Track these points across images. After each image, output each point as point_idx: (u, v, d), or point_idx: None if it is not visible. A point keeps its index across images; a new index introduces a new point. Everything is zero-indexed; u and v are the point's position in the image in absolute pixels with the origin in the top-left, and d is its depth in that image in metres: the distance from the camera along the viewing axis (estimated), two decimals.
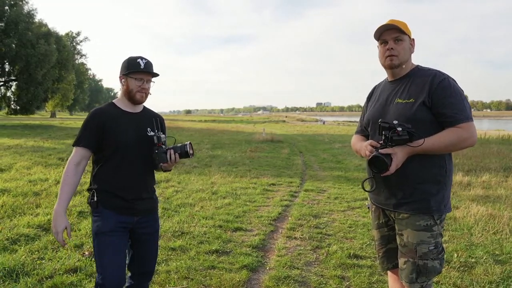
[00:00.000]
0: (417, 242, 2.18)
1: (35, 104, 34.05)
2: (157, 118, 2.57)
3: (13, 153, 12.04)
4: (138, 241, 2.50)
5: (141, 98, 2.42)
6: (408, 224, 2.21)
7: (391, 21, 2.27)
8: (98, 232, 2.34)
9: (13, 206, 5.71)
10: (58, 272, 3.58)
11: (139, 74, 2.37)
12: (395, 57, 2.25)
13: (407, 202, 2.21)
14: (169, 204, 6.23)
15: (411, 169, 2.17)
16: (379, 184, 2.31)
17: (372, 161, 2.12)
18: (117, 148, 2.35)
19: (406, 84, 2.26)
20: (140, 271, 2.56)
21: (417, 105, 2.16)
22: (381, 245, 2.46)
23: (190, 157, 2.41)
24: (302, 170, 10.48)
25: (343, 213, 5.96)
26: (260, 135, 20.65)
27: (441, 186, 2.20)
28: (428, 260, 2.16)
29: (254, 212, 5.98)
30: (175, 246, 4.35)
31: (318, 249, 4.42)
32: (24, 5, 31.71)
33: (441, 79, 2.16)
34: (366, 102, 2.62)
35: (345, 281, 3.59)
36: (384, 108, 2.31)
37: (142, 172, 2.45)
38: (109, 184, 2.37)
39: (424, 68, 2.30)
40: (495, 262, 3.91)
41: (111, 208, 2.36)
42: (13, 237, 4.42)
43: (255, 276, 3.73)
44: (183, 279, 3.58)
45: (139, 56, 2.41)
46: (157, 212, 2.66)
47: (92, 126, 2.35)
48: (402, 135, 2.07)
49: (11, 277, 3.47)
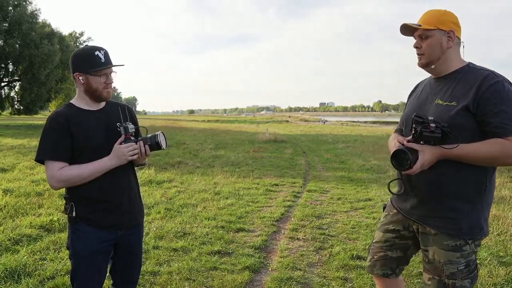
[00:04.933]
0: (444, 262, 1.97)
1: (39, 104, 34.15)
2: (124, 107, 2.27)
3: (16, 153, 12.07)
4: (121, 253, 2.28)
5: (108, 94, 2.13)
6: (434, 242, 2.00)
7: (422, 16, 2.04)
8: (76, 256, 2.12)
9: (15, 207, 5.71)
10: (60, 273, 3.57)
11: (102, 70, 2.07)
12: (421, 55, 2.04)
13: (435, 217, 1.99)
14: (171, 205, 6.22)
15: (444, 179, 1.93)
16: (406, 189, 2.09)
17: (394, 155, 1.90)
18: (89, 154, 2.07)
19: (451, 84, 1.99)
20: (123, 281, 2.38)
21: (457, 109, 1.88)
22: (381, 248, 2.30)
23: (162, 148, 2.15)
24: (305, 171, 10.44)
25: (346, 214, 5.93)
26: (263, 135, 20.61)
27: (476, 206, 1.94)
28: (456, 280, 1.95)
29: (257, 212, 5.96)
30: (177, 247, 4.33)
31: (321, 250, 4.40)
32: (28, 5, 31.82)
33: (493, 81, 1.86)
34: (407, 99, 2.37)
35: (348, 283, 3.57)
36: (422, 107, 2.07)
37: (122, 175, 2.18)
38: (87, 194, 2.09)
39: (476, 67, 2.00)
40: (500, 264, 3.87)
41: (92, 225, 2.11)
42: (15, 238, 4.41)
43: (257, 277, 3.71)
44: (185, 280, 3.56)
45: (94, 47, 2.07)
46: (143, 220, 2.43)
47: (58, 133, 2.04)
48: (435, 132, 1.83)
49: (12, 277, 3.46)
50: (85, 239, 2.11)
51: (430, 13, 2.03)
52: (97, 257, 2.15)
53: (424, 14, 2.05)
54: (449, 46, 1.99)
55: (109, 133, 2.13)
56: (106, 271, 2.26)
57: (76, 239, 2.12)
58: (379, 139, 21.20)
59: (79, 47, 46.16)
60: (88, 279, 2.15)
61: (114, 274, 2.36)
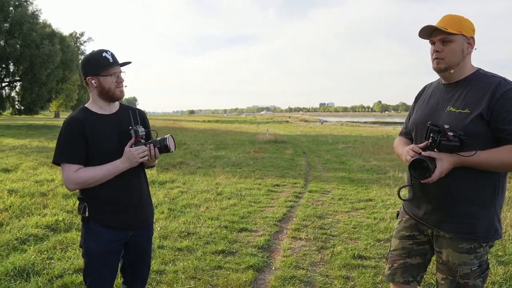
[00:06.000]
0: (458, 263, 2.02)
1: (39, 104, 34.23)
2: (135, 111, 2.35)
3: (18, 153, 12.14)
4: (132, 252, 2.37)
5: (121, 94, 2.21)
6: (449, 245, 2.05)
7: (442, 20, 2.03)
8: (89, 254, 2.21)
9: (21, 207, 5.79)
10: (68, 272, 3.64)
11: (112, 69, 2.17)
12: (441, 60, 2.02)
13: (450, 223, 2.03)
14: (174, 205, 6.29)
15: (458, 185, 1.97)
16: (417, 195, 2.12)
17: (413, 164, 1.91)
18: (102, 157, 2.15)
19: (463, 90, 2.00)
20: (134, 279, 2.47)
21: (472, 117, 1.90)
22: (400, 256, 2.28)
23: (170, 151, 2.23)
24: (306, 171, 10.52)
25: (347, 214, 6.01)
26: (264, 136, 20.67)
27: (490, 209, 1.98)
28: (469, 280, 2.02)
29: (259, 212, 6.04)
30: (181, 246, 4.41)
31: (323, 249, 4.47)
32: (29, 5, 31.93)
33: (506, 89, 1.88)
34: (414, 102, 2.36)
35: (350, 281, 3.64)
36: (434, 115, 2.07)
37: (132, 177, 2.26)
38: (100, 197, 2.18)
39: (487, 73, 2.01)
40: (498, 263, 3.94)
41: (104, 225, 2.20)
42: (22, 237, 4.49)
43: (261, 276, 3.79)
44: (191, 279, 3.64)
45: (101, 50, 2.18)
46: (153, 220, 2.52)
47: (74, 137, 2.12)
48: (453, 140, 1.84)
49: (22, 276, 3.54)
50: (97, 239, 2.19)
51: (451, 17, 2.02)
52: (108, 255, 2.23)
53: (444, 18, 2.04)
54: (469, 53, 2.01)
55: (122, 137, 2.21)
56: (117, 270, 2.34)
57: (88, 238, 2.21)
58: (379, 140, 21.29)
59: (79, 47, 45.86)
60: (99, 276, 2.23)
61: (125, 272, 2.45)
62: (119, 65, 2.21)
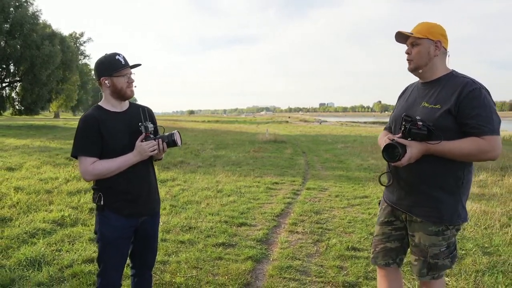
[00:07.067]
0: (428, 245, 2.27)
1: (40, 104, 34.34)
2: (145, 108, 2.58)
3: (21, 153, 12.31)
4: (140, 238, 2.57)
5: (132, 93, 2.43)
6: (420, 228, 2.28)
7: (415, 26, 2.31)
8: (104, 240, 2.41)
9: (27, 203, 5.99)
10: (77, 262, 3.85)
11: (123, 71, 2.38)
12: (410, 61, 2.31)
13: (419, 207, 2.27)
14: (176, 202, 6.50)
15: (426, 173, 2.21)
16: (393, 182, 2.38)
17: (386, 148, 2.17)
18: (115, 151, 2.35)
19: (436, 88, 2.26)
20: (141, 264, 2.67)
21: (441, 112, 2.15)
22: (381, 241, 2.53)
23: (177, 146, 2.45)
24: (304, 170, 10.73)
25: (343, 210, 6.22)
26: (263, 136, 20.85)
27: (455, 197, 2.22)
28: (439, 260, 2.27)
29: (258, 208, 6.24)
30: (184, 239, 4.62)
31: (319, 242, 4.68)
32: (29, 6, 32.04)
33: (471, 88, 2.12)
34: (397, 100, 2.63)
35: (343, 271, 3.86)
36: (411, 109, 2.33)
37: (142, 169, 2.47)
38: (113, 187, 2.38)
39: (458, 75, 2.26)
40: (484, 254, 4.17)
41: (117, 213, 2.40)
42: (31, 231, 4.69)
43: (260, 266, 4.00)
44: (193, 268, 3.85)
45: (114, 53, 2.39)
46: (159, 209, 2.75)
47: (90, 132, 2.33)
48: (421, 129, 2.10)
49: (33, 266, 3.75)
50: (111, 225, 2.41)
51: (422, 24, 2.30)
52: (120, 241, 2.45)
53: (417, 25, 2.33)
54: (435, 54, 2.27)
55: (132, 132, 2.43)
56: (127, 255, 2.57)
57: (103, 225, 2.42)
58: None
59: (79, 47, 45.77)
60: (112, 261, 2.46)
61: (134, 258, 2.66)
62: (130, 67, 2.43)
